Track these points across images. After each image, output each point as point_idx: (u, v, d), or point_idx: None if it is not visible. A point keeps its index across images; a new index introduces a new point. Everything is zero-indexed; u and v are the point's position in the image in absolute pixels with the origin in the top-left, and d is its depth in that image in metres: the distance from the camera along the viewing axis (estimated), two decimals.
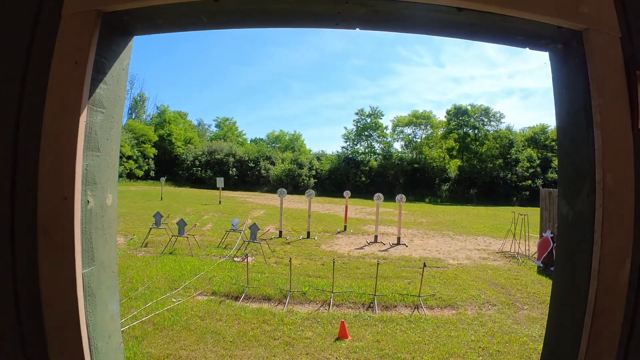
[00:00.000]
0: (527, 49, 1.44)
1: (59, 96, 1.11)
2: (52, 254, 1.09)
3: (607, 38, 1.08)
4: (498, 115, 54.04)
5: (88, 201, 1.21)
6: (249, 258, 9.83)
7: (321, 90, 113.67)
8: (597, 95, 1.09)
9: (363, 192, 44.26)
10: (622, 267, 1.04)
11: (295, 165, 52.90)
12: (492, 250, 13.90)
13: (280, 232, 14.97)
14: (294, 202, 31.33)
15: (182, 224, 12.06)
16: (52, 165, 1.10)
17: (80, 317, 1.12)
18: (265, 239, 12.93)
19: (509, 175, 48.60)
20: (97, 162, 1.25)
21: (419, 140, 56.02)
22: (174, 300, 7.33)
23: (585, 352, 1.08)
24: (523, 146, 51.57)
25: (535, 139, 51.99)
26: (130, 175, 49.66)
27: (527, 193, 46.25)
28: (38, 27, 1.16)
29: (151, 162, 53.34)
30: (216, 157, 54.17)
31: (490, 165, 50.30)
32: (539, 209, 13.55)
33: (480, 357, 5.53)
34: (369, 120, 56.02)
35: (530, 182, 47.59)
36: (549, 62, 1.44)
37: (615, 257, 1.05)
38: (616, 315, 1.05)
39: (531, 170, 48.79)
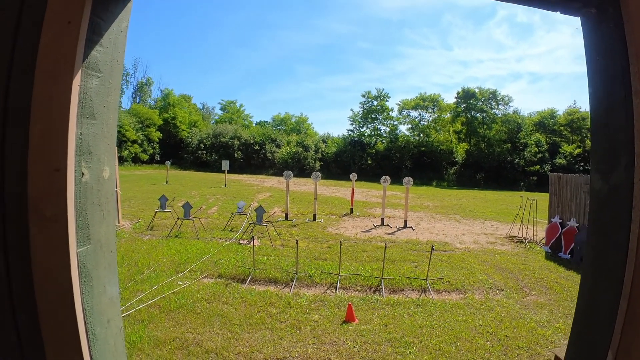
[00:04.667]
0: (558, 12, 1.32)
1: (51, 58, 1.01)
2: (44, 231, 1.00)
3: None
4: (506, 98, 53.51)
5: (82, 173, 1.11)
6: (254, 241, 9.78)
7: (327, 73, 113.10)
8: (637, 60, 0.96)
9: (369, 175, 44.18)
10: None
11: (301, 148, 52.79)
12: (500, 235, 13.79)
13: (287, 215, 14.92)
14: (300, 185, 31.31)
15: (187, 207, 12.03)
16: (43, 133, 1.00)
17: (76, 300, 1.03)
18: (271, 222, 12.89)
19: (517, 160, 48.26)
20: (92, 131, 1.14)
21: (425, 123, 55.59)
22: (179, 283, 7.31)
23: (620, 338, 0.97)
24: (531, 130, 51.10)
25: (543, 124, 51.44)
26: (135, 160, 49.80)
27: (535, 178, 45.95)
28: None
29: (156, 145, 53.43)
30: (221, 140, 54.10)
31: (498, 149, 49.94)
32: (546, 194, 13.37)
33: (488, 342, 5.47)
34: (375, 102, 55.65)
35: (538, 167, 47.24)
36: (580, 28, 1.32)
37: None
38: None
39: (539, 155, 48.39)
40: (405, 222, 14.58)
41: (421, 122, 55.78)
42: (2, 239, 1.01)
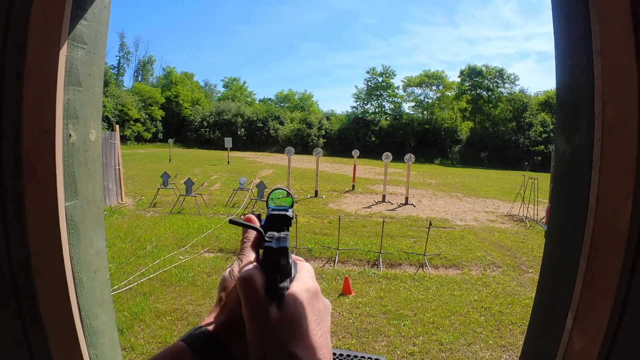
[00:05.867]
0: None
1: (40, 32, 1.14)
2: (36, 186, 1.12)
3: None
4: (512, 77, 52.75)
5: (70, 135, 1.22)
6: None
7: (331, 50, 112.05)
8: (597, 21, 0.97)
9: (372, 152, 44.04)
10: (622, 208, 0.95)
11: (304, 125, 52.59)
12: (501, 213, 13.85)
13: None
14: (303, 162, 31.35)
15: (189, 184, 12.12)
16: (34, 99, 1.12)
17: (64, 249, 1.14)
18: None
19: (522, 139, 47.85)
20: (78, 97, 1.26)
21: (430, 101, 55.10)
22: (181, 257, 7.44)
23: (579, 296, 1.02)
24: (537, 110, 50.50)
25: (549, 103, 50.75)
26: (139, 138, 49.78)
27: (539, 158, 45.61)
28: None
29: (159, 124, 53.29)
30: (224, 117, 53.94)
31: (503, 128, 49.54)
32: (549, 174, 13.34)
33: (482, 317, 5.58)
34: (380, 79, 55.06)
35: (543, 147, 46.82)
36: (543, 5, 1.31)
37: (615, 197, 0.96)
38: (614, 260, 0.97)
39: (544, 135, 47.94)
40: (407, 198, 14.64)
41: (425, 99, 55.27)
42: (0, 192, 1.13)
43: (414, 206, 14.20)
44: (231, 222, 0.58)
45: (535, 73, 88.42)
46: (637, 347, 1.04)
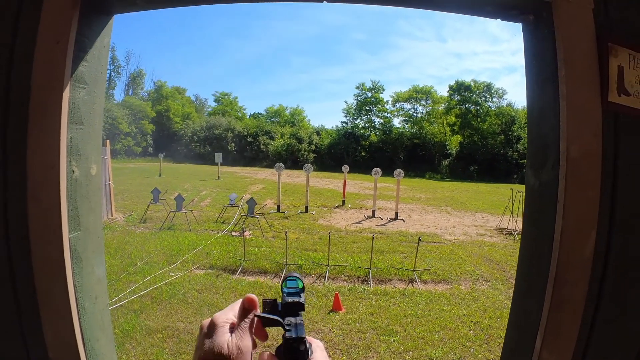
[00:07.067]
0: (499, 20, 1.41)
1: (44, 74, 1.21)
2: (41, 218, 1.19)
3: (577, 8, 1.06)
4: (500, 91, 53.57)
5: (73, 171, 1.30)
6: (246, 232, 9.90)
7: (321, 65, 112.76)
8: (564, 65, 1.08)
9: (362, 167, 44.17)
10: (586, 238, 1.04)
11: (294, 140, 52.68)
12: (489, 227, 13.98)
13: (279, 207, 15.04)
14: (293, 177, 31.38)
15: (179, 200, 12.10)
16: (39, 137, 1.18)
17: (68, 278, 1.20)
18: (263, 214, 13.00)
19: (510, 153, 48.40)
20: (80, 135, 1.33)
21: (419, 115, 55.66)
22: (172, 274, 7.42)
23: (547, 318, 1.11)
24: (525, 123, 51.10)
25: None
26: (129, 152, 49.47)
27: None
28: (22, 9, 1.23)
29: (149, 138, 53.07)
30: (215, 132, 53.91)
31: (492, 142, 50.09)
32: None
33: (472, 331, 5.64)
34: (369, 94, 55.56)
35: None
36: (521, 34, 1.41)
37: (579, 229, 1.05)
38: (579, 286, 1.06)
39: None
40: (396, 213, 14.74)
41: (414, 114, 55.84)
42: (5, 225, 1.19)
43: (404, 221, 14.29)
44: (257, 316, 0.67)
45: (522, 87, 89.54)
46: None
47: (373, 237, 8.25)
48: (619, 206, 1.08)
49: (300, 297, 0.72)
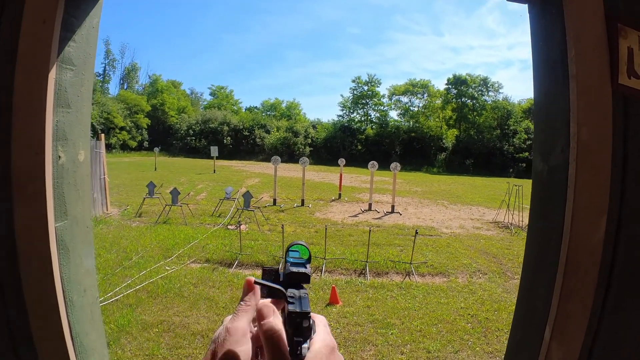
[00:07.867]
0: (506, 0, 1.36)
1: (29, 54, 1.14)
2: (26, 207, 1.13)
3: None
4: (496, 85, 53.54)
5: (59, 156, 1.23)
6: (242, 226, 9.86)
7: (317, 59, 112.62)
8: (573, 46, 1.03)
9: (359, 160, 44.11)
10: (597, 224, 1.00)
11: (290, 134, 52.52)
12: (486, 220, 14.00)
13: (275, 200, 14.99)
14: (289, 171, 31.31)
15: (175, 193, 12.03)
16: (24, 122, 1.13)
17: (54, 270, 1.15)
18: (259, 207, 12.94)
19: (506, 147, 48.47)
20: (67, 119, 1.27)
21: (415, 109, 55.62)
22: (167, 268, 7.37)
23: (557, 310, 1.06)
24: (521, 117, 51.21)
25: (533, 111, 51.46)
26: (124, 147, 49.18)
27: (524, 165, 46.16)
28: None
29: (144, 132, 52.77)
30: (210, 126, 53.66)
31: (488, 135, 50.15)
32: None
33: (469, 324, 5.63)
34: (366, 88, 55.44)
35: (527, 153, 47.36)
36: (527, 15, 1.36)
37: (590, 214, 1.01)
38: (589, 275, 1.02)
39: (528, 142, 48.56)
40: (393, 207, 14.73)
41: (411, 107, 55.78)
42: None
43: (400, 214, 14.28)
44: (256, 282, 0.60)
45: (518, 81, 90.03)
46: (615, 357, 1.09)
47: (370, 230, 8.21)
48: (629, 191, 1.04)
49: (305, 267, 0.64)
